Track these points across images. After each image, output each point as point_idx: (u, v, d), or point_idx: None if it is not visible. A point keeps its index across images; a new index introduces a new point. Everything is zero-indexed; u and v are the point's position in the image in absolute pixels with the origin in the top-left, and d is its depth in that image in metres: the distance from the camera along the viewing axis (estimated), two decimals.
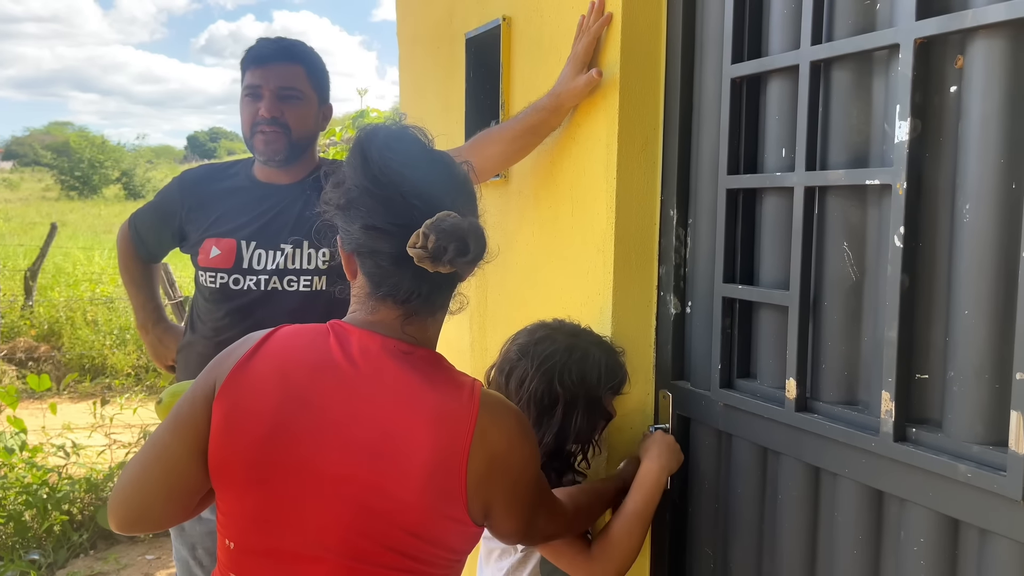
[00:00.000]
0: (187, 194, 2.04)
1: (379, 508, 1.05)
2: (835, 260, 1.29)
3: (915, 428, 1.15)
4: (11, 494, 3.95)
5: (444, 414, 1.07)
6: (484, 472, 1.07)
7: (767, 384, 1.43)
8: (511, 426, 1.12)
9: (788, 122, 1.36)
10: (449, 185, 1.13)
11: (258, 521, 1.09)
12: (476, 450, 1.06)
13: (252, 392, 1.09)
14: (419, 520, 1.06)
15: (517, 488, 1.14)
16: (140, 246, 2.17)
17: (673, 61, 1.60)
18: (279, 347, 1.12)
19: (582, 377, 1.47)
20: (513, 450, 1.11)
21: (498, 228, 2.13)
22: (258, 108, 1.91)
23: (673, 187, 1.61)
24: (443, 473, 1.05)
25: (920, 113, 1.13)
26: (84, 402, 6.23)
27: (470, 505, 1.08)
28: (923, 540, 1.14)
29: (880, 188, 1.21)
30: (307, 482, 1.06)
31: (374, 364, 1.09)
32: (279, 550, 1.08)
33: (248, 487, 1.08)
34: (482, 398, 1.10)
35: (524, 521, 1.18)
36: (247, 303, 1.93)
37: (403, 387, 1.08)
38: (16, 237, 15.78)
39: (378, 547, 1.06)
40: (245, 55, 1.97)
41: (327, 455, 1.06)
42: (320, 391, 1.08)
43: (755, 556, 1.46)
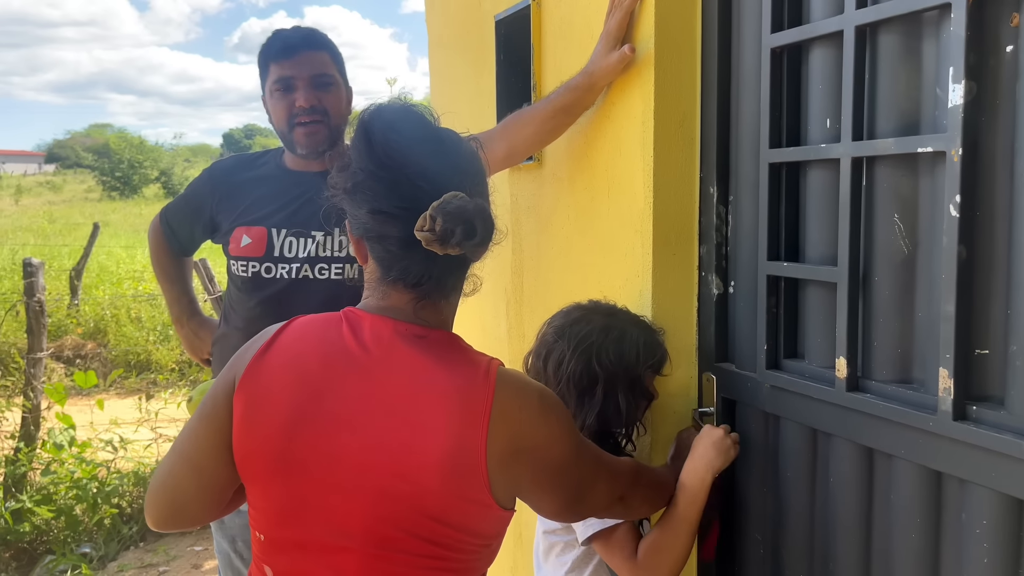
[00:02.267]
0: (217, 184, 2.05)
1: (400, 494, 1.04)
2: (885, 233, 1.24)
3: (975, 406, 1.10)
4: (62, 489, 4.05)
5: (460, 395, 1.05)
6: (506, 453, 1.05)
7: (815, 364, 1.38)
8: (532, 404, 1.09)
9: (832, 91, 1.31)
10: (455, 164, 1.10)
11: (284, 513, 1.08)
12: (495, 430, 1.03)
13: (269, 385, 1.08)
14: (440, 504, 1.04)
15: (546, 466, 1.10)
16: (172, 239, 2.18)
17: (709, 32, 1.55)
18: (293, 338, 1.12)
19: (620, 356, 1.44)
20: (536, 428, 1.08)
21: (533, 212, 2.10)
22: (293, 100, 1.90)
23: (713, 163, 1.56)
24: (462, 455, 1.03)
25: (975, 75, 1.07)
26: (130, 398, 6.34)
27: (493, 487, 1.05)
28: (986, 522, 1.09)
29: (933, 156, 1.15)
30: (327, 472, 1.06)
31: (387, 349, 1.08)
32: (306, 541, 1.08)
33: (271, 479, 1.08)
34: (499, 377, 1.07)
35: (566, 497, 1.15)
36: (279, 291, 1.92)
37: (417, 371, 1.07)
38: (61, 238, 16.14)
39: (402, 534, 1.05)
40: (266, 50, 1.95)
41: (345, 444, 1.05)
42: (334, 380, 1.07)
43: (806, 540, 1.42)
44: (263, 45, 1.98)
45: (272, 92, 1.93)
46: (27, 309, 4.36)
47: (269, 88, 1.94)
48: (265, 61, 1.95)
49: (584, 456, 1.17)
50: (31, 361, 4.35)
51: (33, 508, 3.89)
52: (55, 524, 3.97)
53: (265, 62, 1.95)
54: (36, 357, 4.35)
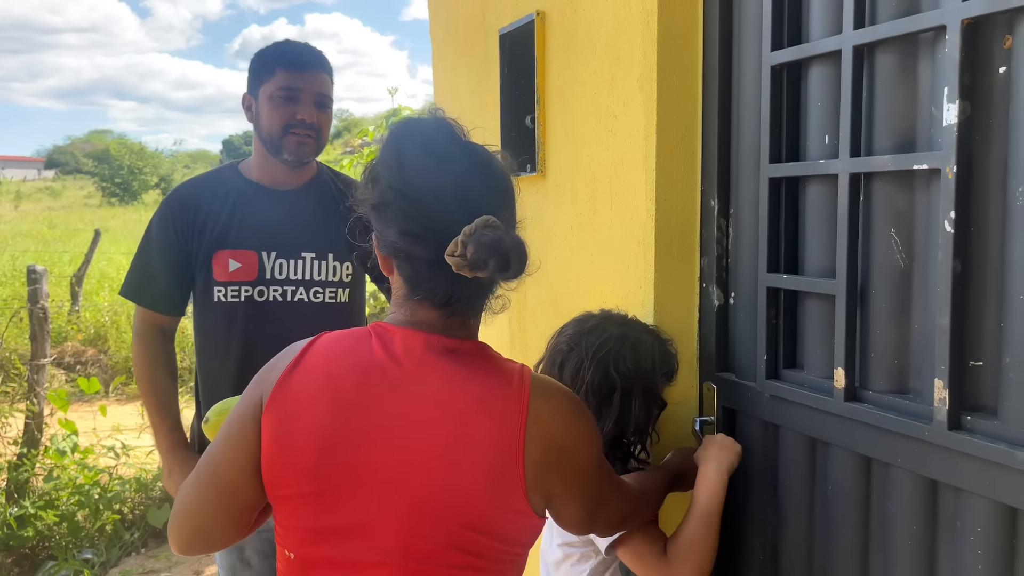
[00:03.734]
0: (178, 212, 1.98)
1: (438, 507, 1.04)
2: (882, 247, 1.27)
3: (970, 416, 1.13)
4: (64, 495, 4.06)
5: (495, 404, 1.05)
6: (542, 458, 1.05)
7: (814, 374, 1.41)
8: (565, 408, 1.10)
9: (831, 108, 1.34)
10: (487, 186, 1.10)
11: (317, 531, 1.07)
12: (532, 436, 1.04)
13: (300, 403, 1.07)
14: (479, 514, 1.04)
15: (578, 471, 1.12)
16: (156, 302, 2.01)
17: (711, 49, 1.58)
18: (322, 355, 1.10)
19: (637, 364, 1.47)
20: (570, 432, 1.09)
21: (535, 224, 2.13)
22: (295, 111, 1.94)
23: (713, 177, 1.60)
24: (500, 464, 1.03)
25: (969, 95, 1.10)
26: (130, 404, 6.36)
27: (530, 494, 1.05)
28: (980, 530, 1.12)
29: (928, 173, 1.19)
30: (363, 488, 1.05)
31: (419, 362, 1.07)
32: (341, 558, 1.07)
33: (304, 498, 1.06)
34: (532, 382, 1.08)
35: (590, 507, 1.17)
36: (272, 315, 1.91)
37: (451, 382, 1.06)
38: (61, 244, 16.17)
39: (440, 547, 1.05)
40: (275, 54, 1.97)
41: (381, 459, 1.04)
42: (369, 395, 1.06)
43: (805, 547, 1.44)
44: (271, 49, 1.99)
45: (273, 96, 1.94)
46: (31, 316, 4.39)
47: (269, 91, 1.94)
48: (272, 65, 1.95)
49: (604, 467, 1.20)
50: (34, 367, 4.38)
51: (36, 513, 3.91)
52: (57, 530, 3.99)
53: (271, 65, 1.95)
54: (39, 363, 4.37)
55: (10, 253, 13.33)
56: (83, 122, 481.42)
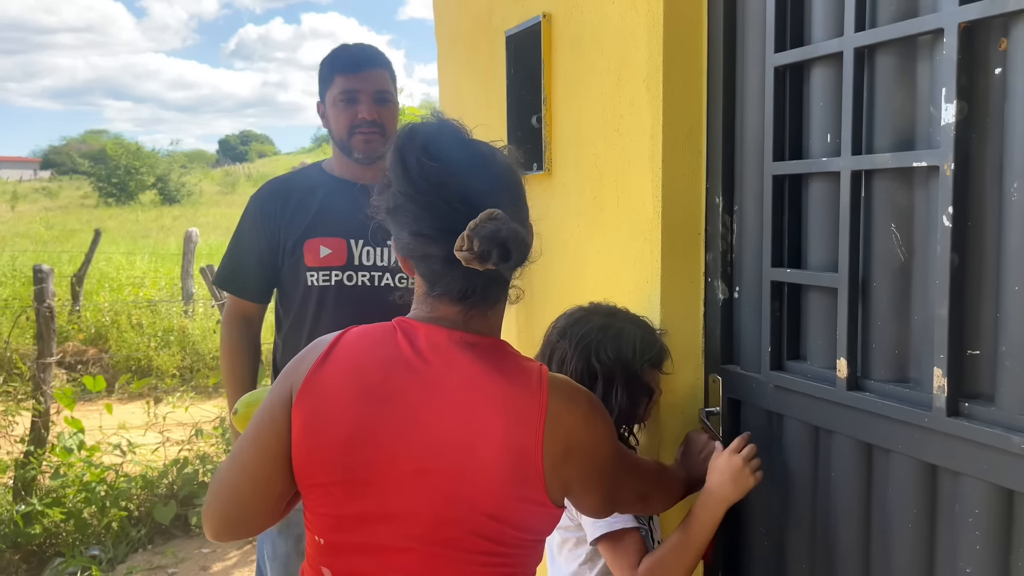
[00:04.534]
0: (269, 207, 2.11)
1: (461, 496, 1.08)
2: (883, 241, 1.32)
3: (968, 403, 1.18)
4: (71, 492, 4.10)
5: (515, 401, 1.10)
6: (561, 455, 1.10)
7: (817, 365, 1.46)
8: (582, 407, 1.15)
9: (833, 108, 1.39)
10: (490, 182, 1.13)
11: (345, 518, 1.12)
12: (551, 434, 1.09)
13: (329, 395, 1.11)
14: (500, 505, 1.09)
15: (594, 465, 1.17)
16: (245, 289, 2.16)
17: (715, 51, 1.63)
18: (350, 349, 1.15)
19: (617, 352, 1.52)
20: (588, 430, 1.14)
21: (542, 221, 2.16)
22: (356, 111, 2.05)
23: (718, 175, 1.64)
24: (519, 459, 1.08)
25: (966, 95, 1.15)
26: (133, 403, 6.39)
27: (549, 487, 1.10)
28: (978, 511, 1.17)
29: (927, 170, 1.24)
30: (390, 477, 1.09)
31: (444, 357, 1.12)
32: (368, 544, 1.11)
33: (333, 486, 1.11)
34: (550, 382, 1.12)
35: (606, 495, 1.22)
36: (360, 299, 2.02)
37: (473, 377, 1.11)
38: (59, 244, 16.17)
39: (463, 533, 1.09)
40: (332, 61, 2.10)
41: (408, 450, 1.09)
42: (396, 388, 1.10)
43: (809, 533, 1.49)
44: (329, 57, 2.13)
45: (336, 102, 2.07)
46: (37, 315, 4.42)
47: (332, 98, 2.08)
48: (331, 72, 2.08)
49: (621, 455, 1.26)
50: (41, 366, 4.41)
51: (43, 511, 3.94)
52: (64, 527, 4.02)
53: (331, 73, 2.08)
54: (46, 362, 4.41)
55: (9, 253, 13.34)
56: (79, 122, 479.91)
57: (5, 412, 4.63)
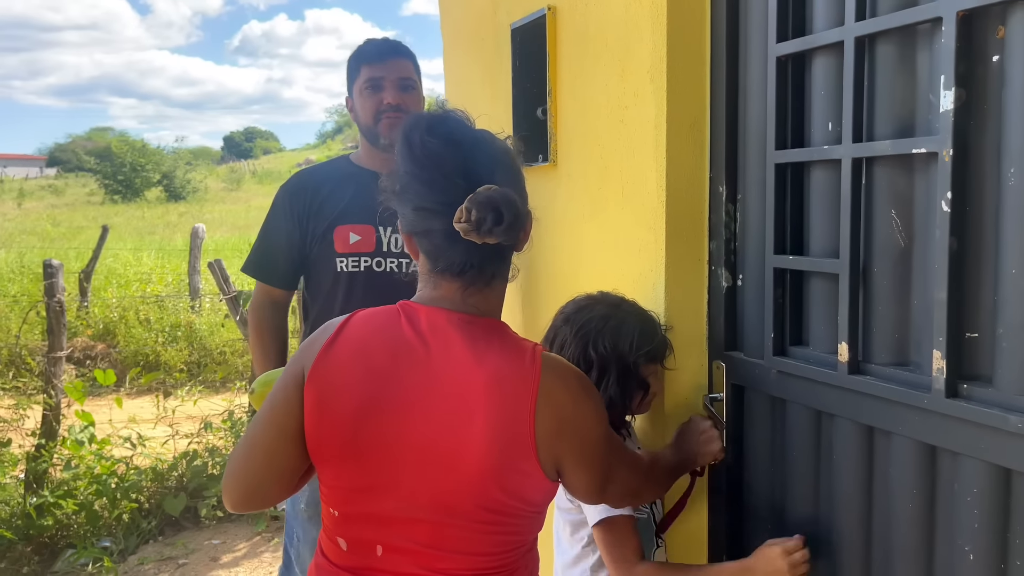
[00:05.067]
0: (298, 195, 2.18)
1: (462, 468, 1.15)
2: (883, 227, 1.34)
3: (966, 384, 1.20)
4: (82, 484, 4.14)
5: (509, 377, 1.16)
6: (552, 429, 1.16)
7: (819, 350, 1.48)
8: (574, 385, 1.21)
9: (834, 97, 1.41)
10: (488, 160, 1.20)
11: (357, 490, 1.19)
12: (542, 409, 1.15)
13: (338, 375, 1.18)
14: (498, 475, 1.15)
15: (586, 444, 1.22)
16: (274, 276, 2.23)
17: (718, 42, 1.65)
18: (357, 332, 1.21)
19: (614, 344, 1.55)
20: (579, 407, 1.20)
21: (547, 211, 2.20)
22: (381, 98, 2.12)
23: (721, 164, 1.67)
24: (513, 431, 1.14)
25: (964, 83, 1.17)
26: (142, 397, 6.44)
27: (542, 460, 1.17)
28: (976, 491, 1.19)
29: (926, 156, 1.26)
30: (396, 453, 1.16)
31: (442, 338, 1.18)
32: (379, 515, 1.18)
33: (344, 461, 1.18)
34: (544, 360, 1.18)
35: (598, 476, 1.27)
36: (388, 285, 2.08)
37: (470, 355, 1.17)
38: (65, 241, 16.25)
39: (466, 503, 1.16)
40: (358, 54, 2.17)
41: (411, 427, 1.16)
42: (399, 370, 1.17)
43: (812, 516, 1.52)
44: (355, 51, 2.20)
45: (362, 91, 2.14)
46: (48, 309, 4.46)
47: (359, 87, 2.14)
48: (357, 64, 2.15)
49: (613, 440, 1.31)
50: (51, 360, 4.45)
51: (55, 503, 3.98)
52: (76, 519, 4.06)
53: (357, 65, 2.15)
54: (56, 356, 4.45)
55: (16, 250, 13.41)
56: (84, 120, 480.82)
57: (16, 406, 4.67)
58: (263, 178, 41.27)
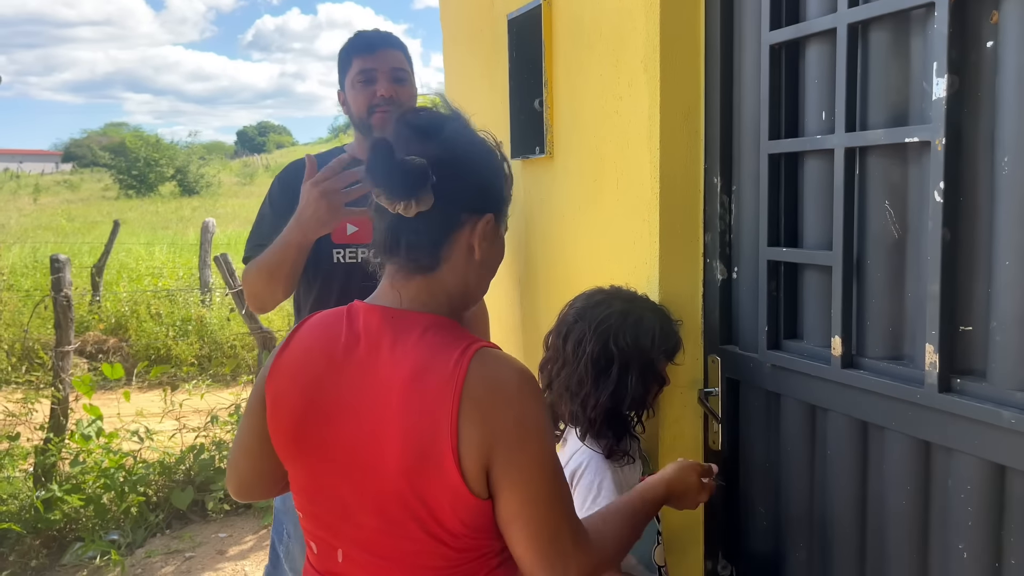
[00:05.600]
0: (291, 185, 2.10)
1: (387, 475, 1.08)
2: (877, 219, 1.31)
3: (960, 379, 1.18)
4: (90, 478, 4.16)
5: (431, 378, 1.06)
6: (480, 439, 1.04)
7: (813, 343, 1.46)
8: (512, 389, 1.07)
9: (827, 85, 1.39)
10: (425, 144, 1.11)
11: (307, 492, 1.17)
12: (468, 416, 1.03)
13: (286, 377, 1.17)
14: (417, 484, 1.06)
15: (519, 459, 1.06)
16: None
17: (712, 31, 1.62)
18: (306, 334, 1.20)
19: (636, 339, 1.52)
20: (516, 414, 1.06)
21: (545, 204, 2.18)
22: (374, 91, 2.07)
23: (716, 155, 1.64)
24: (430, 437, 1.04)
25: (957, 69, 1.14)
26: (151, 391, 6.47)
27: (466, 473, 1.04)
28: (970, 488, 1.17)
29: (919, 145, 1.23)
30: (333, 456, 1.13)
31: (375, 338, 1.12)
32: (328, 518, 1.16)
33: (294, 463, 1.17)
34: (475, 359, 1.06)
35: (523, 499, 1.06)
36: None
37: (397, 355, 1.09)
38: (80, 236, 16.35)
39: (396, 512, 1.09)
40: (349, 46, 2.12)
41: (341, 432, 1.12)
42: (333, 371, 1.13)
43: (806, 511, 1.50)
44: (347, 43, 2.15)
45: (354, 83, 2.09)
46: (55, 304, 4.48)
47: (351, 79, 2.09)
48: (348, 56, 2.10)
49: (555, 469, 1.11)
50: (59, 354, 4.47)
51: (63, 497, 4.00)
52: (84, 512, 4.08)
53: (348, 57, 2.10)
54: (64, 350, 4.47)
55: (31, 245, 13.51)
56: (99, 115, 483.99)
57: (25, 400, 4.70)
58: (276, 172, 41.32)
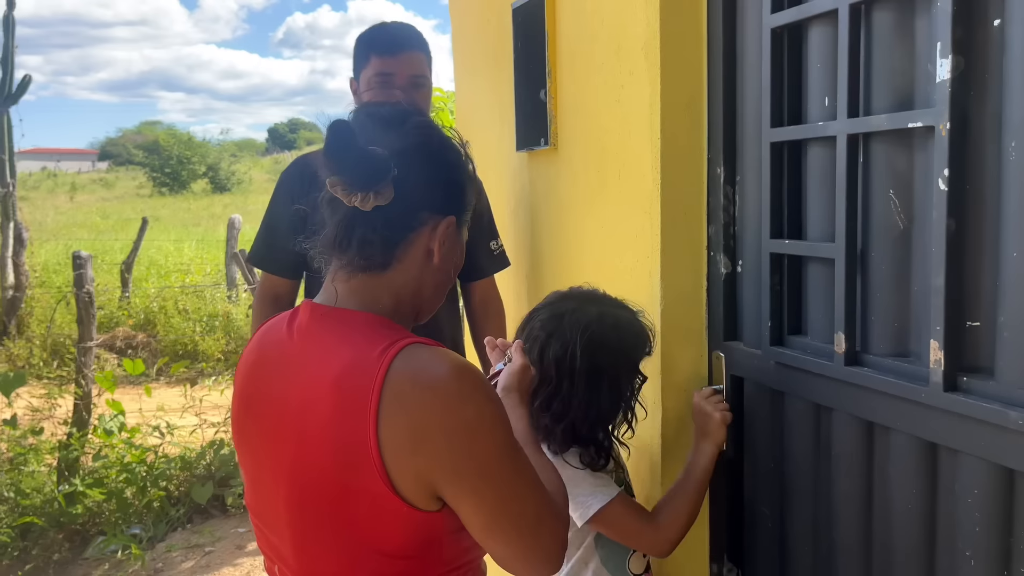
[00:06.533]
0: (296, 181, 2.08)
1: (306, 482, 1.02)
2: (881, 209, 1.25)
3: (966, 377, 1.11)
4: (112, 472, 4.20)
5: (350, 381, 0.98)
6: (407, 443, 0.95)
7: (817, 339, 1.40)
8: (442, 387, 0.97)
9: (830, 70, 1.32)
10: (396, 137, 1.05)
11: (250, 493, 1.17)
12: (389, 418, 0.95)
13: (238, 374, 1.18)
14: (341, 493, 0.99)
15: (464, 461, 0.97)
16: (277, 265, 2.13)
17: (714, 14, 1.56)
18: (260, 332, 1.19)
19: (620, 346, 1.46)
20: (449, 414, 0.96)
21: (550, 197, 2.14)
22: (391, 95, 2.01)
23: (719, 144, 1.58)
24: (348, 443, 0.97)
25: (962, 49, 1.08)
26: (175, 387, 6.54)
27: (395, 481, 0.96)
28: (977, 492, 1.11)
29: (924, 131, 1.17)
30: (262, 454, 1.10)
31: (305, 336, 1.07)
32: (264, 517, 1.13)
33: (241, 462, 1.18)
34: (400, 357, 0.97)
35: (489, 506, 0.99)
36: None
37: (320, 353, 1.04)
38: (114, 233, 16.60)
39: (322, 521, 1.02)
40: (369, 40, 2.05)
41: (267, 431, 1.08)
42: (268, 370, 1.11)
43: (811, 512, 1.44)
44: (366, 35, 2.07)
45: (371, 83, 2.02)
46: (77, 300, 4.53)
47: (368, 77, 2.03)
48: (367, 51, 2.03)
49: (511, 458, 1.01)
50: (81, 350, 4.53)
51: (85, 491, 4.05)
52: (106, 506, 4.13)
53: (367, 52, 2.03)
54: (86, 346, 4.52)
55: (64, 242, 13.74)
56: (134, 114, 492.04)
57: (48, 395, 4.76)
58: None
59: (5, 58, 9.61)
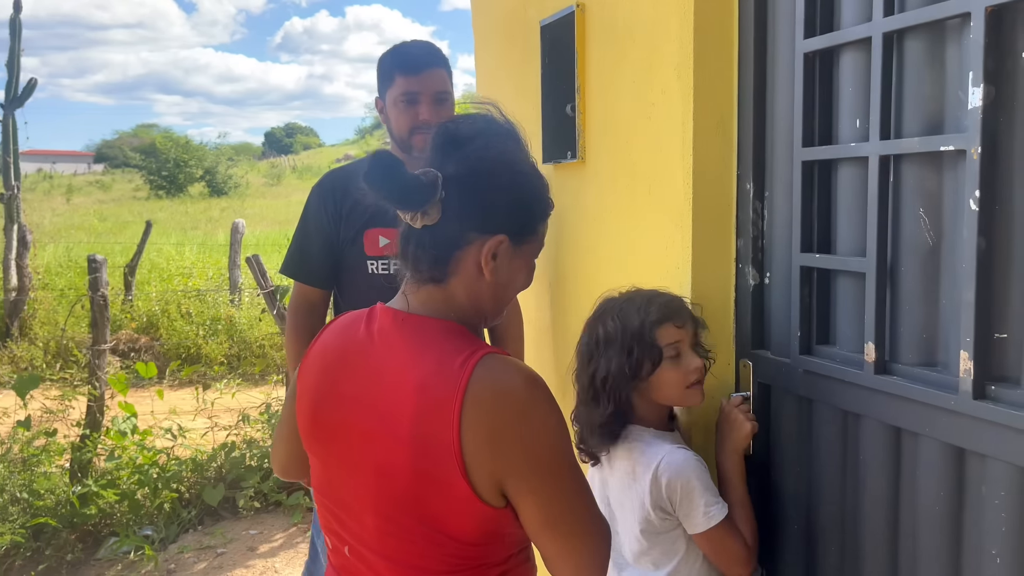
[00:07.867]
0: (330, 197, 2.19)
1: (388, 478, 1.10)
2: (911, 226, 1.32)
3: (994, 386, 1.18)
4: (125, 474, 4.24)
5: (434, 385, 1.07)
6: (487, 445, 1.05)
7: (846, 349, 1.47)
8: (517, 394, 1.07)
9: (862, 93, 1.40)
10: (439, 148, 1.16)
11: (321, 484, 1.24)
12: (472, 421, 1.04)
13: (309, 371, 1.24)
14: (421, 487, 1.07)
15: (530, 463, 1.07)
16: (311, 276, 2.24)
17: (746, 38, 1.64)
18: (328, 332, 1.26)
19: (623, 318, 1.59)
20: (524, 418, 1.07)
21: (576, 209, 2.20)
22: (417, 112, 2.12)
23: (749, 162, 1.65)
24: (431, 445, 1.06)
25: (993, 79, 1.15)
26: (183, 390, 6.57)
27: (474, 480, 1.06)
28: (1004, 494, 1.17)
29: (955, 154, 1.24)
30: (341, 448, 1.18)
31: (386, 340, 1.16)
32: (337, 509, 1.21)
33: (312, 454, 1.24)
34: (480, 365, 1.07)
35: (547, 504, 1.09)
36: None
37: (408, 358, 1.12)
38: (112, 236, 16.60)
39: (400, 513, 1.11)
40: (392, 61, 2.16)
41: (352, 424, 1.16)
42: (346, 367, 1.18)
43: (838, 517, 1.50)
44: (389, 55, 2.18)
45: (397, 102, 2.13)
46: (92, 303, 4.57)
47: (393, 97, 2.14)
48: (391, 72, 2.14)
49: (572, 466, 1.12)
50: (95, 353, 4.56)
51: (98, 492, 4.09)
52: (119, 507, 4.16)
53: (391, 73, 2.14)
54: (100, 349, 4.56)
55: (64, 245, 13.74)
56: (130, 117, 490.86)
57: (62, 397, 4.80)
58: (303, 173, 41.79)
59: (11, 61, 9.65)
